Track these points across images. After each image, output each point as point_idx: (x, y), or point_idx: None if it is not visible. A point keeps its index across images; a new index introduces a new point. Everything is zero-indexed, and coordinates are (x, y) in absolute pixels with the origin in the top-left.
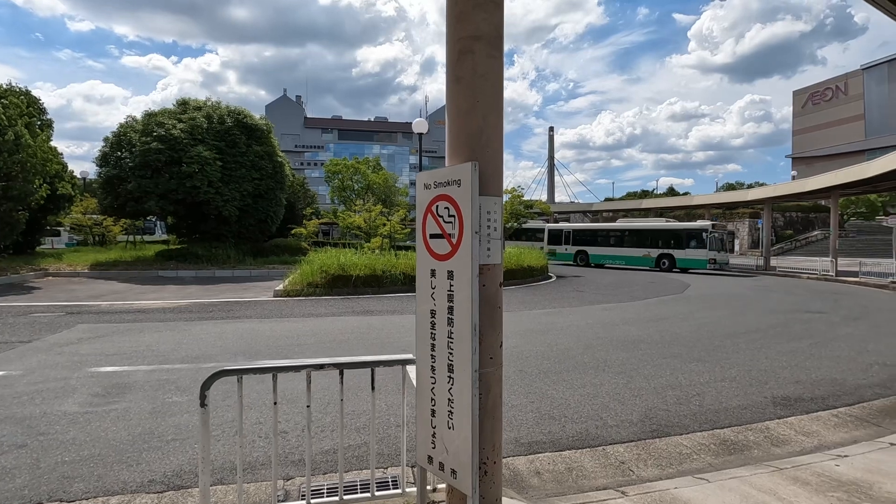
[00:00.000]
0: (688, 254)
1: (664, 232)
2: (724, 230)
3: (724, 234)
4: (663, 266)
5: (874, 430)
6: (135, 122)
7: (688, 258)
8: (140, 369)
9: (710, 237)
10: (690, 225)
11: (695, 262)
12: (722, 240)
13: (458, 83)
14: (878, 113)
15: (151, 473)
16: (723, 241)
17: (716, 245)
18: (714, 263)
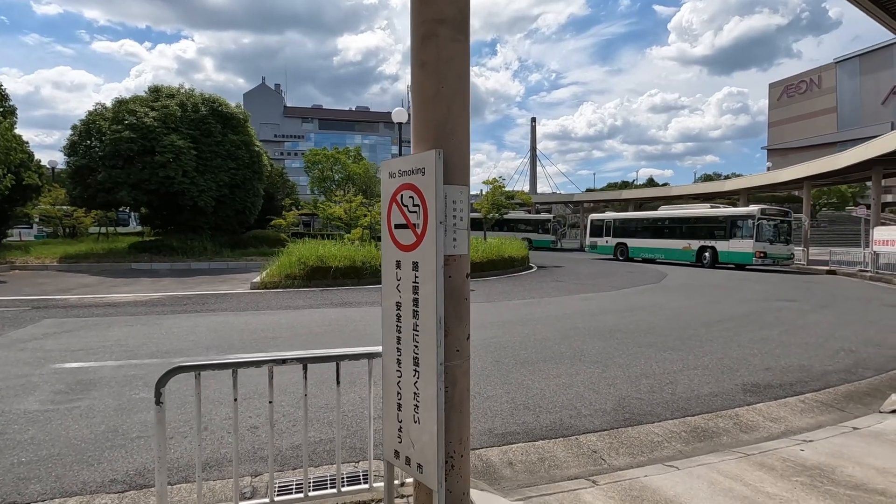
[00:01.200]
0: (732, 246)
1: (703, 220)
2: (782, 216)
3: (781, 221)
4: (704, 261)
5: (839, 415)
6: (104, 110)
7: (731, 251)
8: (107, 365)
9: (759, 225)
10: (733, 211)
11: (739, 255)
12: (777, 227)
13: (422, 68)
14: (849, 106)
15: (113, 473)
16: (778, 230)
17: (767, 234)
18: (763, 258)
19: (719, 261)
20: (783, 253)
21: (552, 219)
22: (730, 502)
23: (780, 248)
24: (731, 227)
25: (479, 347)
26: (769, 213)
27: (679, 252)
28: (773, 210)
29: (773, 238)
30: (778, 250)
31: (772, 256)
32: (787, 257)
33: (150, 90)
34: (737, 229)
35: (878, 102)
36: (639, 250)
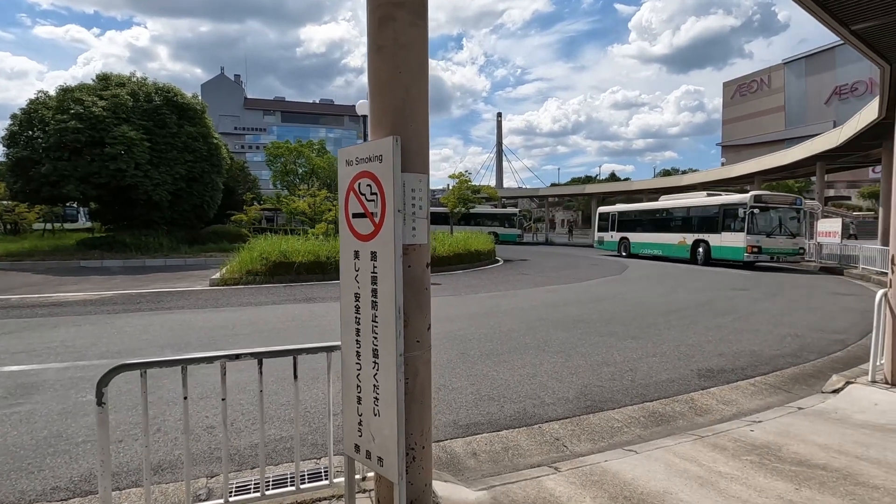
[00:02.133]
0: (724, 239)
1: (696, 210)
2: (784, 203)
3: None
4: (699, 258)
5: (785, 396)
6: (48, 99)
7: (724, 245)
8: (51, 367)
9: (751, 214)
10: (725, 199)
11: (730, 250)
12: (778, 217)
13: (379, 53)
14: (796, 105)
15: (56, 480)
16: (779, 220)
17: (762, 225)
18: (756, 253)
19: (712, 257)
20: (785, 248)
21: (518, 213)
22: (685, 482)
23: (782, 241)
24: (722, 218)
25: (445, 340)
26: (765, 200)
27: (675, 248)
28: (772, 196)
29: (771, 230)
30: (778, 244)
31: (769, 252)
32: (792, 253)
33: (98, 78)
34: (729, 220)
35: (821, 102)
36: (640, 246)
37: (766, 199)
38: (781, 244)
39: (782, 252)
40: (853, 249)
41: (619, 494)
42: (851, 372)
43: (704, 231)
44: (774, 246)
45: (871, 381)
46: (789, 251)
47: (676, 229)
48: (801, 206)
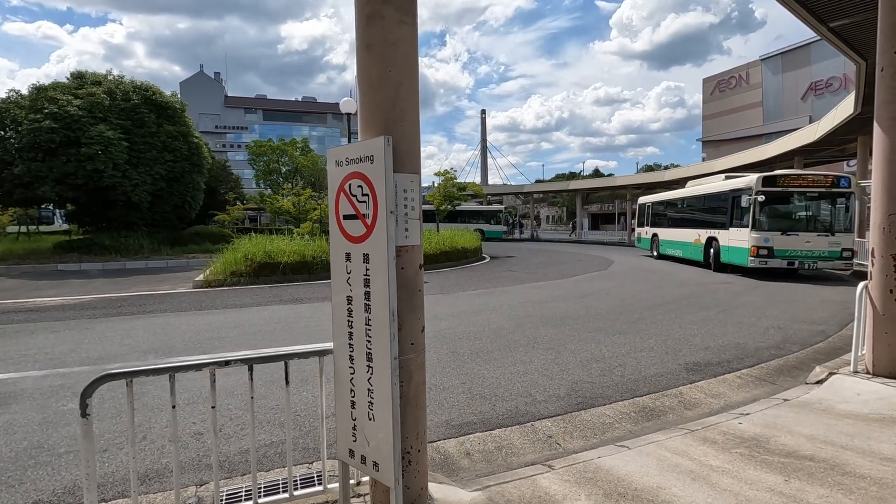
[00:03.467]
0: (732, 238)
1: (708, 199)
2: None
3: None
4: (711, 261)
5: (771, 388)
6: (20, 98)
7: (731, 245)
8: (29, 375)
9: (755, 204)
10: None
11: (736, 252)
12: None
13: (368, 51)
14: (773, 100)
15: (37, 493)
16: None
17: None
18: (765, 257)
19: (721, 260)
20: (815, 249)
21: (504, 210)
22: (677, 477)
23: (810, 240)
24: (731, 209)
25: (435, 339)
26: (780, 183)
27: (690, 247)
28: (791, 178)
29: (790, 224)
30: (802, 245)
31: (787, 255)
32: (827, 257)
33: (72, 76)
34: (737, 211)
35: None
36: (666, 244)
37: (782, 180)
38: (808, 244)
39: (810, 256)
40: None
41: (613, 491)
42: (834, 363)
43: (717, 227)
44: (796, 247)
45: (854, 371)
46: (821, 254)
47: (693, 224)
48: (847, 187)
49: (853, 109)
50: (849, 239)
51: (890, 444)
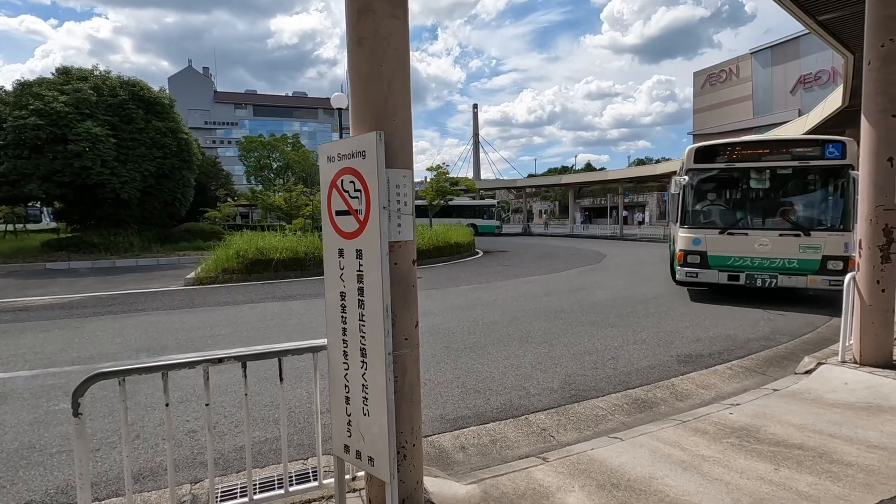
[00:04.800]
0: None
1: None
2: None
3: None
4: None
5: (761, 379)
6: (5, 94)
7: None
8: (19, 375)
9: (684, 188)
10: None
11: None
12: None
13: (359, 45)
14: (762, 94)
15: (30, 493)
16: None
17: (715, 210)
18: (695, 267)
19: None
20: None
21: (496, 204)
22: (669, 467)
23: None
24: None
25: (429, 334)
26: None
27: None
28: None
29: (733, 219)
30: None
31: (726, 265)
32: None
33: (58, 72)
34: (673, 202)
35: (787, 91)
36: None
37: (727, 151)
38: (764, 247)
39: (766, 267)
40: None
41: (606, 482)
42: (822, 353)
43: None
44: (743, 251)
45: (842, 361)
46: (785, 265)
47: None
48: (839, 157)
49: (841, 102)
50: (838, 241)
51: (876, 431)
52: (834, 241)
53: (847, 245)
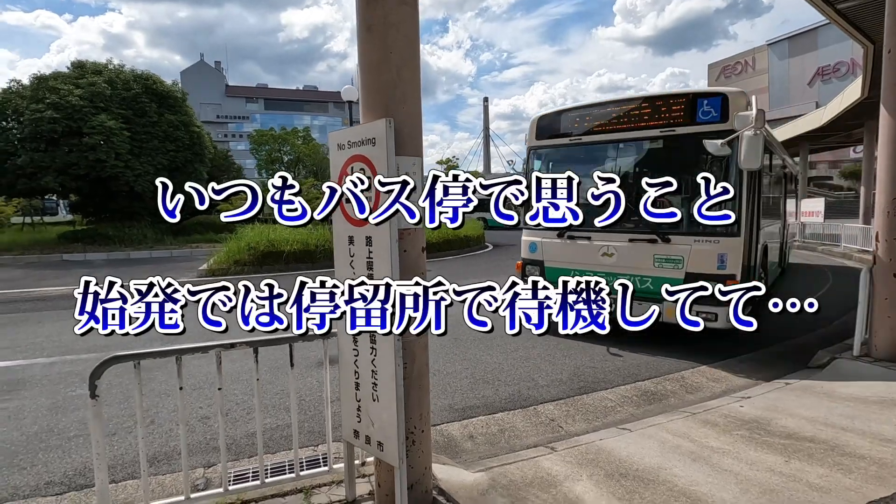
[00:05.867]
0: None
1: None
2: (634, 119)
3: (644, 147)
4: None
5: (773, 372)
6: (21, 88)
7: None
8: (38, 363)
9: (528, 173)
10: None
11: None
12: (628, 175)
13: (368, 33)
14: (779, 86)
15: (49, 475)
16: (627, 188)
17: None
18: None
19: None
20: (628, 271)
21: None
22: (678, 458)
23: (613, 248)
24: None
25: None
26: (564, 126)
27: None
28: (579, 110)
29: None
30: (593, 257)
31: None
32: (648, 291)
33: (73, 66)
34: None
35: (804, 83)
36: None
37: (571, 119)
38: (611, 258)
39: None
40: (835, 228)
41: (614, 472)
42: (837, 347)
43: None
44: (588, 264)
45: (856, 355)
46: (636, 285)
47: None
48: (715, 118)
49: (860, 94)
50: (711, 251)
51: (890, 425)
52: (704, 252)
53: (725, 257)
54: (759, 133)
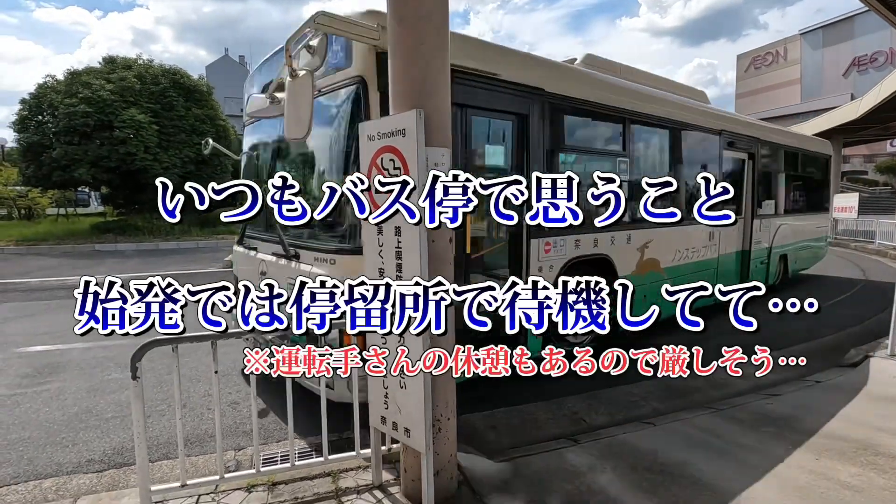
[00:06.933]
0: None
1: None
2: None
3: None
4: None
5: (802, 370)
6: (56, 83)
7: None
8: (75, 347)
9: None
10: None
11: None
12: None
13: (400, 24)
14: (812, 77)
15: (90, 453)
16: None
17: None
18: None
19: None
20: None
21: None
22: (704, 453)
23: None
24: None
25: None
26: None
27: None
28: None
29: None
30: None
31: None
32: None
33: (104, 61)
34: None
35: (839, 74)
36: None
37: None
38: (266, 280)
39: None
40: (870, 225)
41: (639, 465)
42: (870, 346)
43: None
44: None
45: (891, 354)
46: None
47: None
48: (341, 63)
49: None
50: (334, 273)
51: None
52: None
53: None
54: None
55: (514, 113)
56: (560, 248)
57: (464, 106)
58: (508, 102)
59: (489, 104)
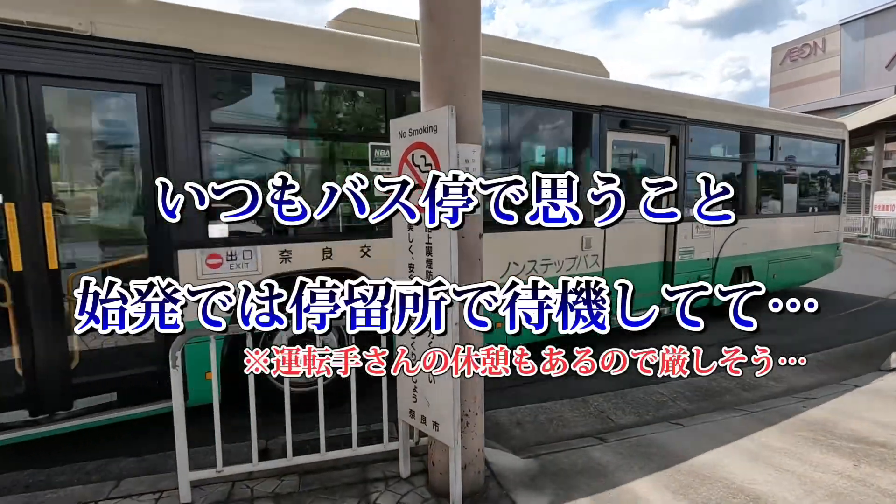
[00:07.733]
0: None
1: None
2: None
3: None
4: None
5: (839, 374)
6: None
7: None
8: None
9: None
10: None
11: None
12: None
13: (431, 21)
14: (852, 69)
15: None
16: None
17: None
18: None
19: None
20: None
21: None
22: (736, 455)
23: None
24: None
25: None
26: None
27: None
28: None
29: None
30: None
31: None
32: None
33: None
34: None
35: (882, 66)
36: None
37: None
38: None
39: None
40: None
41: (667, 465)
42: None
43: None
44: None
45: None
46: None
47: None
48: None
49: None
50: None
51: None
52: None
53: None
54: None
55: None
56: (243, 263)
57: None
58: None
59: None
